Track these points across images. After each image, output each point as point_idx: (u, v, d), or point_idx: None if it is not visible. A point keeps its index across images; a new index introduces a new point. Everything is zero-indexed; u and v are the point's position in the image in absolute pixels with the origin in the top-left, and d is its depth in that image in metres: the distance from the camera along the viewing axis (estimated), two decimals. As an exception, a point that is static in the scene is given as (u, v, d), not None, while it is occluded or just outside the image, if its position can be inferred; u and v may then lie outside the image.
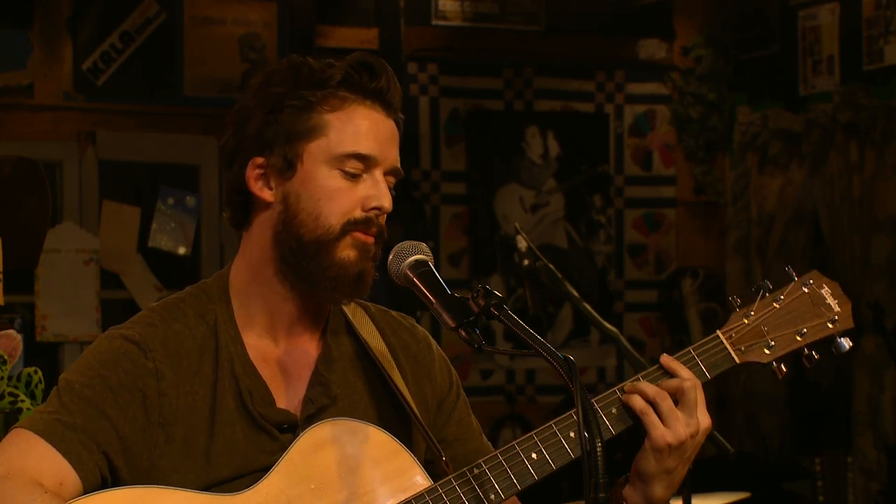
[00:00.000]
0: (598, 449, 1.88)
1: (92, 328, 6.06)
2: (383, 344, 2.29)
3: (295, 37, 6.41)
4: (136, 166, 6.29)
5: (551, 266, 4.09)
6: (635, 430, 2.21)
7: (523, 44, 6.89)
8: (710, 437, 3.45)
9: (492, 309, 2.06)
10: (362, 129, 2.17)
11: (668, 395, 2.18)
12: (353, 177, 2.16)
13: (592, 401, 2.15)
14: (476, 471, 2.17)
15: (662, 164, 7.17)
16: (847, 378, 6.44)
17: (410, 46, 6.68)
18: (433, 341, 2.37)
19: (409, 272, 2.13)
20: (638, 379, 2.23)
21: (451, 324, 2.07)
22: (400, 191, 2.27)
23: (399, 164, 2.22)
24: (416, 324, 2.38)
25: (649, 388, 2.19)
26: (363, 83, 2.18)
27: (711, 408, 2.21)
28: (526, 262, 4.10)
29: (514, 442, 2.19)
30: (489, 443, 2.38)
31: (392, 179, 2.22)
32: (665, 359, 2.23)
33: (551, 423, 2.19)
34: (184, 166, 6.22)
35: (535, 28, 6.89)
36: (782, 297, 2.33)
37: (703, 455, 2.33)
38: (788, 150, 6.77)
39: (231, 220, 2.26)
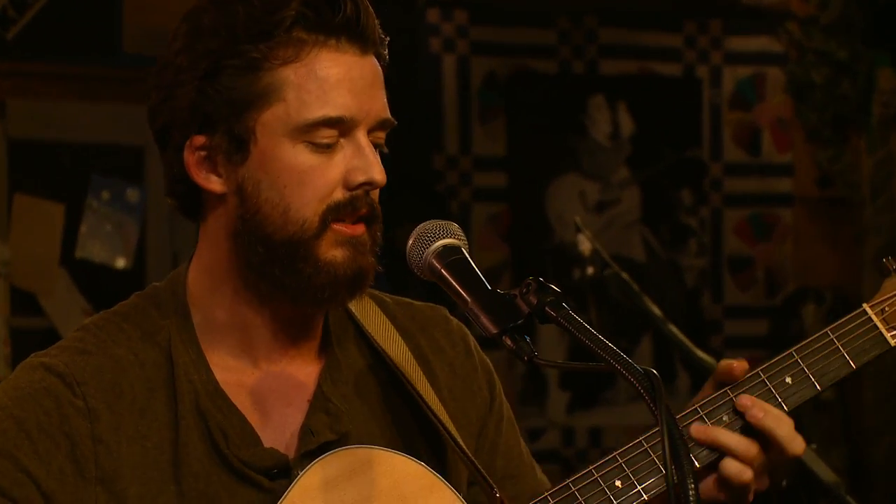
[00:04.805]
0: (691, 488, 1.87)
1: (-2, 366, 6.14)
2: (407, 350, 2.33)
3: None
4: (59, 148, 6.35)
5: (624, 275, 4.05)
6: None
7: (585, -17, 7.02)
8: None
9: (547, 308, 2.05)
10: (331, 81, 2.18)
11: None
12: (327, 147, 2.19)
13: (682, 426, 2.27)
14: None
15: (775, 148, 7.31)
16: None
17: (431, -13, 6.82)
18: (471, 338, 2.41)
19: (435, 262, 2.13)
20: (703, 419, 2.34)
21: (493, 329, 2.06)
22: (417, 182, 2.26)
23: (388, 113, 2.24)
24: (448, 316, 2.41)
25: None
26: (323, 18, 2.18)
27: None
28: (591, 269, 4.10)
29: (591, 467, 2.24)
30: (545, 478, 2.45)
31: (381, 135, 2.24)
32: (745, 400, 2.31)
33: (640, 439, 2.25)
34: (124, 147, 6.30)
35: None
36: None
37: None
38: (946, 129, 6.83)
39: (178, 209, 2.31)
